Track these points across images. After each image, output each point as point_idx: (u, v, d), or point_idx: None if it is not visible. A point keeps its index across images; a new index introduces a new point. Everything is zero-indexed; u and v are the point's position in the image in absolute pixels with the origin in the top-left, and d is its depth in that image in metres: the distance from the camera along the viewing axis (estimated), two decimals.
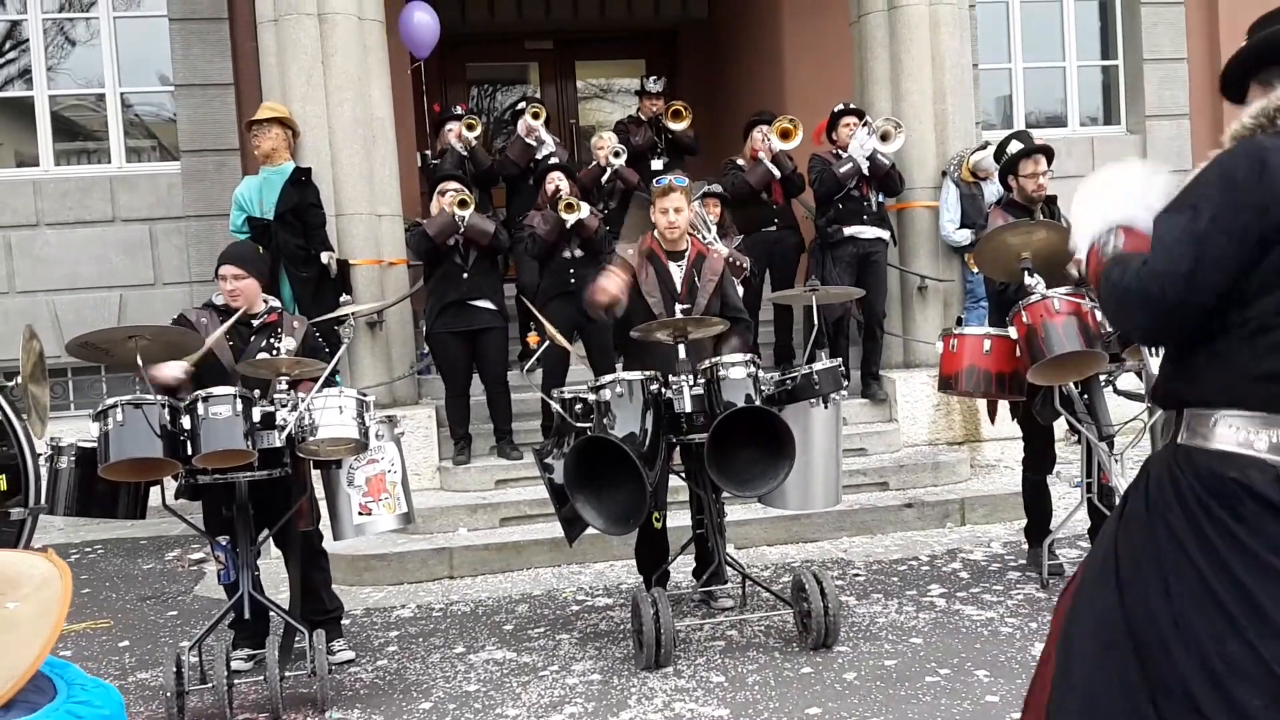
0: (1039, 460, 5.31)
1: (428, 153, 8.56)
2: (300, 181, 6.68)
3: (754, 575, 4.95)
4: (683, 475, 4.81)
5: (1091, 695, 1.93)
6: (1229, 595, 1.80)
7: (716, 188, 7.16)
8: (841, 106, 7.41)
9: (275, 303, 4.73)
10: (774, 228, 7.62)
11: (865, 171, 7.10)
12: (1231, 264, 1.84)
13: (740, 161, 7.70)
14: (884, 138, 7.04)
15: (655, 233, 4.96)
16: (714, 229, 6.80)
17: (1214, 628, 1.80)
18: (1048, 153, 5.27)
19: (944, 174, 7.66)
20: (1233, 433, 1.86)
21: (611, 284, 4.70)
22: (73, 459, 4.18)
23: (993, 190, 7.39)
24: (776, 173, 7.49)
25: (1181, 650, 1.83)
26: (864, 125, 7.17)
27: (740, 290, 6.67)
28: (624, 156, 7.61)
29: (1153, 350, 3.85)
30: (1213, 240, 1.84)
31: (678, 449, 4.67)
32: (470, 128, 7.76)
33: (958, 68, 7.73)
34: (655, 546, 4.94)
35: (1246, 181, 1.84)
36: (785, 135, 7.32)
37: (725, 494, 4.67)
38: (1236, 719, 1.76)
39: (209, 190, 8.16)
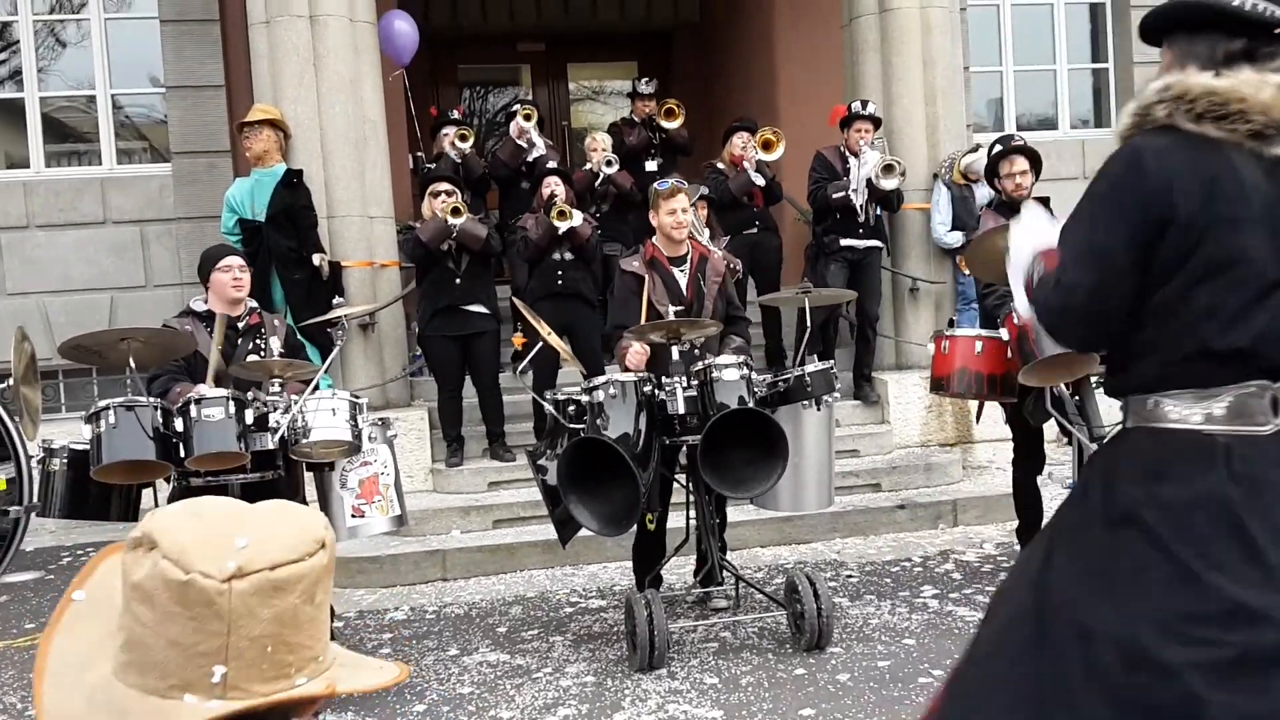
0: (1029, 461, 5.33)
1: (420, 155, 8.56)
2: (292, 183, 6.66)
3: (747, 577, 4.96)
4: (676, 477, 4.82)
5: (991, 653, 2.00)
6: (1140, 560, 1.86)
7: (704, 190, 7.20)
8: (859, 106, 7.36)
9: (253, 303, 4.73)
10: (755, 230, 7.66)
11: (865, 193, 7.14)
12: (1130, 266, 1.93)
13: (720, 166, 7.74)
14: (886, 170, 7.07)
15: (656, 240, 4.97)
16: (707, 231, 6.84)
17: (1095, 596, 1.87)
18: (1030, 154, 5.29)
19: (935, 176, 7.69)
20: (1168, 410, 1.93)
21: (638, 357, 4.66)
22: (65, 461, 4.17)
23: (984, 193, 7.41)
24: (760, 181, 7.55)
25: (1065, 613, 1.90)
26: (875, 148, 7.17)
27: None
28: (616, 166, 7.62)
29: None
30: (1108, 248, 1.94)
31: (680, 453, 4.68)
32: (463, 138, 7.77)
33: (949, 70, 7.76)
34: (649, 548, 4.94)
35: (1127, 184, 1.94)
36: (767, 146, 7.43)
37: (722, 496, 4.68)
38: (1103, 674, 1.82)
39: (200, 192, 8.14)
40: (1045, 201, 5.40)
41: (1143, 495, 1.88)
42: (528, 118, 7.76)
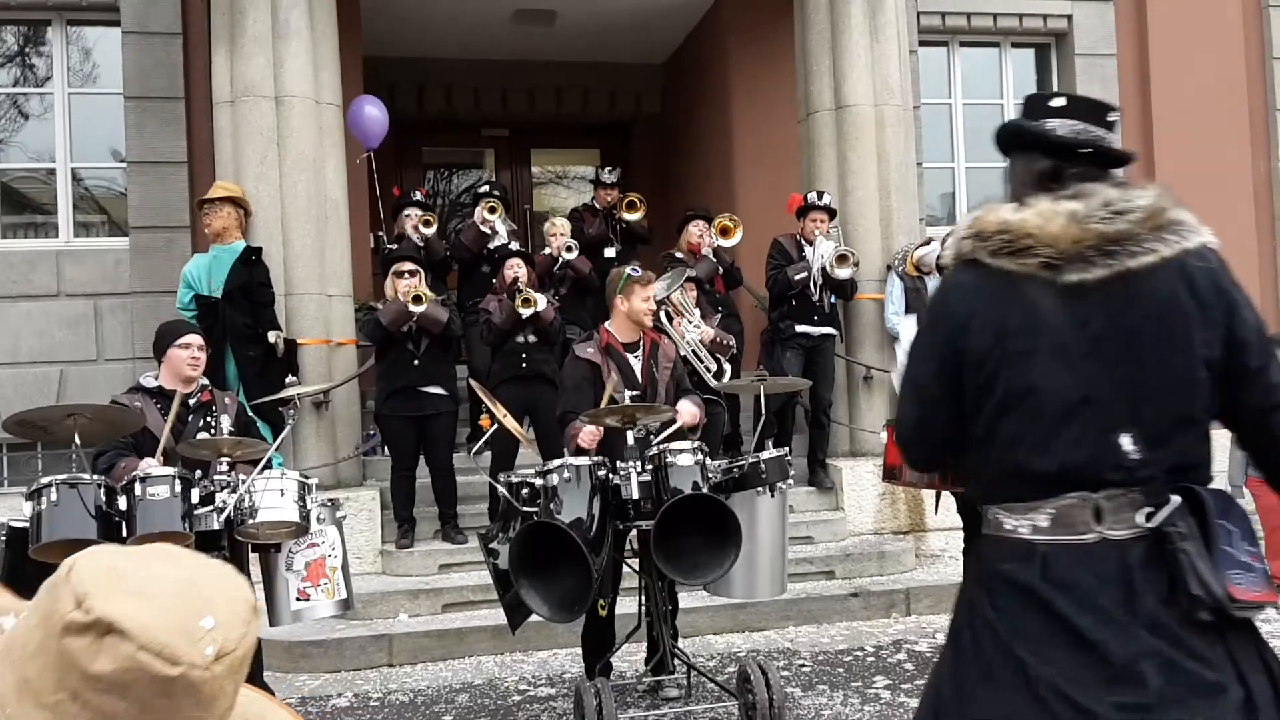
0: None
1: (381, 234, 8.59)
2: (250, 260, 6.66)
3: (700, 665, 4.91)
4: (629, 562, 4.78)
5: None
6: (973, 668, 1.98)
7: (690, 271, 7.27)
8: (815, 197, 7.53)
9: (205, 380, 4.69)
10: (718, 315, 7.74)
11: (819, 280, 7.28)
12: (943, 398, 2.05)
13: (679, 255, 7.83)
14: (840, 259, 7.23)
15: (611, 326, 5.02)
16: (697, 312, 6.93)
17: (958, 695, 1.98)
18: None
19: (889, 267, 7.84)
20: (1003, 521, 2.02)
21: (591, 436, 4.70)
22: (2, 539, 4.06)
23: (936, 284, 7.57)
24: (720, 268, 7.67)
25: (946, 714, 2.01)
26: (829, 237, 7.36)
27: (727, 367, 6.81)
28: (576, 251, 7.71)
29: None
30: (924, 382, 2.08)
31: (631, 537, 4.66)
32: (427, 224, 7.81)
33: (902, 165, 7.97)
34: (600, 634, 4.88)
35: (937, 320, 2.07)
36: (725, 233, 7.62)
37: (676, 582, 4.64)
38: None
39: (157, 267, 8.10)
40: None
41: (986, 600, 1.99)
42: (492, 210, 7.79)
